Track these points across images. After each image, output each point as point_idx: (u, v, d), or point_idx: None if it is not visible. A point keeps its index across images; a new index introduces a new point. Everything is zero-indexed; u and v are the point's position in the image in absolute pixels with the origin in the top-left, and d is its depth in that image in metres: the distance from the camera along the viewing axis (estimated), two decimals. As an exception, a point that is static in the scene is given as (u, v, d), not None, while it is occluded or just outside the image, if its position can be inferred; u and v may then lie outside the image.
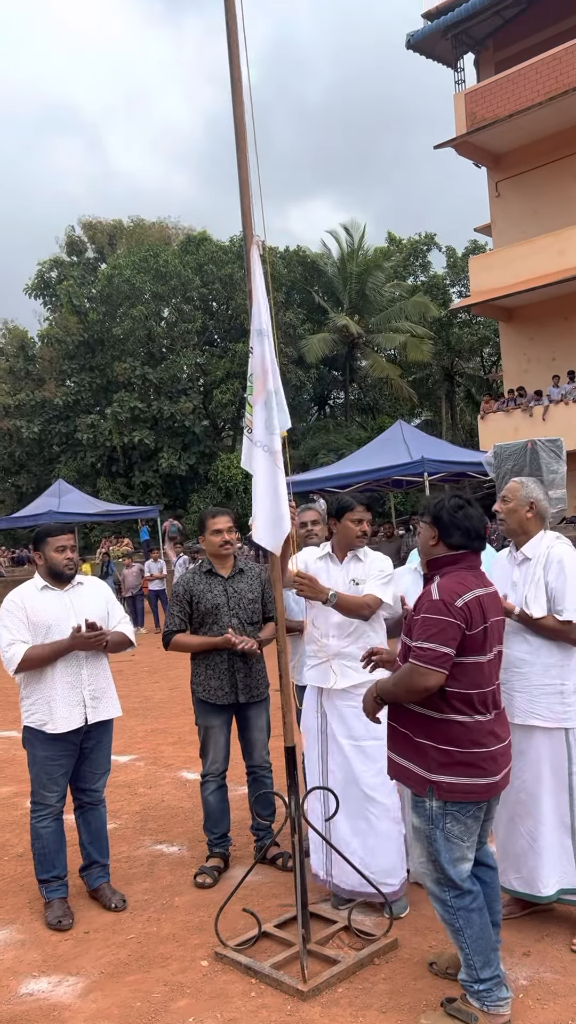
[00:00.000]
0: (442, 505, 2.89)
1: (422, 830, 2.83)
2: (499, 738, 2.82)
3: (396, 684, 2.83)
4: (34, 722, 3.80)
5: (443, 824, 2.77)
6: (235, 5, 3.39)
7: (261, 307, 3.34)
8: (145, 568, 17.33)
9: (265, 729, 4.39)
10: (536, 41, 20.60)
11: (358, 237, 33.16)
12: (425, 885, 2.91)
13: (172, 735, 7.55)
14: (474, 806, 2.78)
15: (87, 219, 37.63)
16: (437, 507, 2.90)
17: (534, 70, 19.61)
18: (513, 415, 20.15)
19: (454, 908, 2.81)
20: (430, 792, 2.77)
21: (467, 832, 2.79)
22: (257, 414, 3.34)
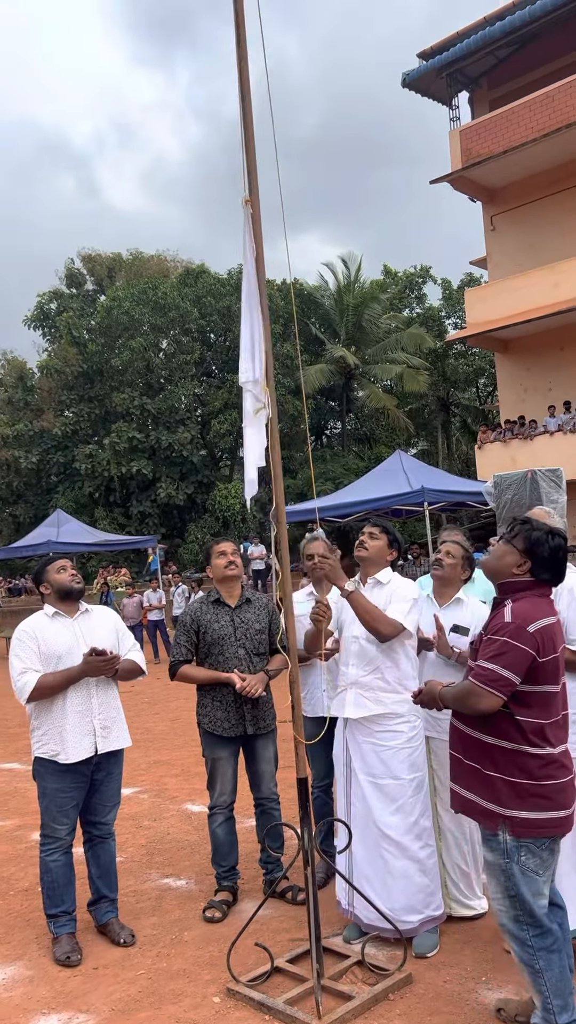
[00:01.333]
0: (542, 540, 2.82)
1: (496, 865, 2.75)
2: (568, 770, 2.76)
3: (454, 699, 2.83)
4: (45, 752, 3.79)
5: (518, 857, 2.69)
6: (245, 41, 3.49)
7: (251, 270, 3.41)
8: (144, 598, 17.29)
9: (273, 761, 4.38)
10: (529, 80, 21.02)
11: (354, 269, 33.57)
12: (501, 924, 2.82)
13: (175, 767, 7.50)
14: (549, 839, 2.71)
15: (86, 252, 38.03)
16: (536, 541, 2.83)
17: (528, 108, 19.99)
18: (510, 445, 20.26)
19: (534, 948, 2.71)
20: (503, 827, 2.71)
21: (543, 866, 2.72)
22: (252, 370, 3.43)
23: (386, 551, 3.85)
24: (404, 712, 3.69)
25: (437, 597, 3.98)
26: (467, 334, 21.97)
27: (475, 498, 14.56)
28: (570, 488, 10.62)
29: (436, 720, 3.80)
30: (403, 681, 3.70)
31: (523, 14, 19.24)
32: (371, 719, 3.69)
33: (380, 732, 3.69)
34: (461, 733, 2.86)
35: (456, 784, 2.90)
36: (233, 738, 4.22)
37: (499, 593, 2.90)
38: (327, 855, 4.00)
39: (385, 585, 3.79)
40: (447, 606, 3.93)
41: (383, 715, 3.68)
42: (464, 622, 3.83)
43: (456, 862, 3.87)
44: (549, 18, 19.21)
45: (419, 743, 3.74)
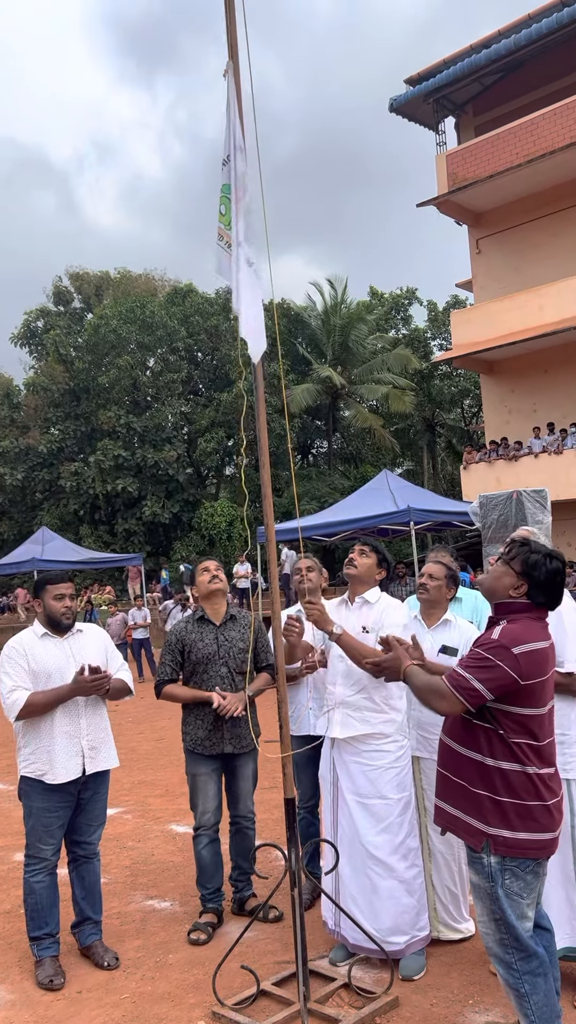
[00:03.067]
0: (539, 564, 2.80)
1: (482, 887, 2.74)
2: (554, 792, 2.75)
3: (420, 687, 2.83)
4: (32, 772, 3.76)
5: (503, 880, 2.68)
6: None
7: (235, 125, 3.37)
8: (129, 616, 17.21)
9: (251, 779, 4.37)
10: (514, 107, 21.38)
11: (341, 291, 33.84)
12: (487, 946, 2.80)
13: (159, 787, 7.44)
14: (533, 862, 2.70)
15: (74, 270, 38.14)
16: (533, 564, 2.81)
17: (512, 134, 20.31)
18: (495, 465, 20.40)
19: (520, 972, 2.69)
20: (486, 847, 2.70)
21: (527, 889, 2.70)
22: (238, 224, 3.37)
23: (375, 570, 3.86)
24: (391, 732, 3.69)
25: (425, 619, 3.99)
26: (452, 355, 22.17)
27: (461, 518, 14.63)
28: (555, 508, 10.69)
29: (426, 740, 3.80)
30: (390, 701, 3.70)
31: (508, 43, 19.59)
32: (358, 739, 3.69)
33: (367, 752, 3.68)
34: (450, 750, 2.87)
35: (442, 800, 2.89)
36: (214, 756, 4.22)
37: (495, 613, 2.90)
38: (313, 876, 3.98)
39: (373, 605, 3.79)
40: (435, 627, 3.94)
41: (370, 735, 3.68)
42: (452, 643, 3.84)
43: (446, 883, 3.86)
44: (534, 47, 19.57)
45: (406, 763, 3.74)
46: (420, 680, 2.87)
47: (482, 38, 20.59)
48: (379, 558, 3.87)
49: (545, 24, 19.01)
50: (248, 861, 4.37)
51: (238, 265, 3.35)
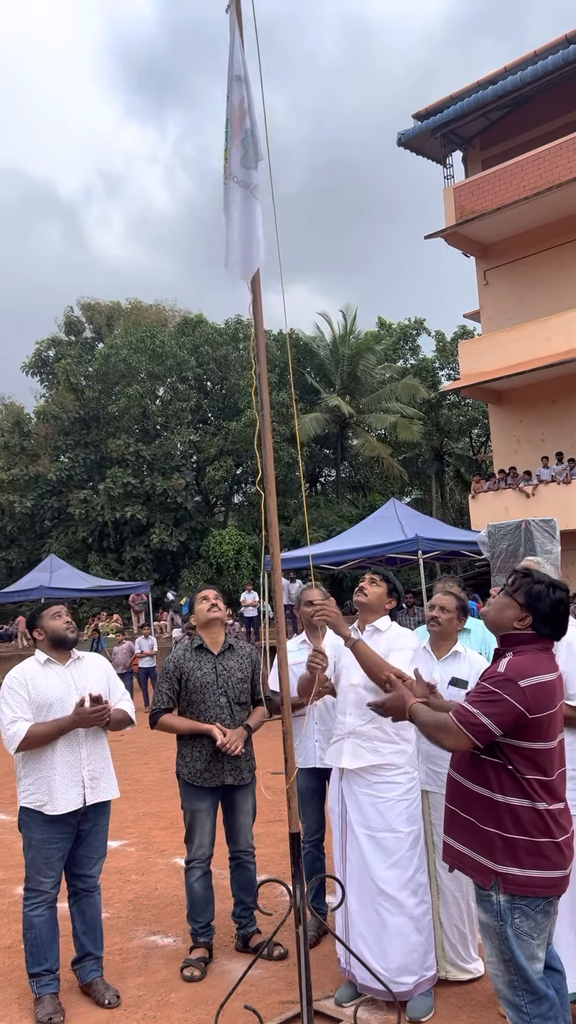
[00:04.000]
0: (543, 595, 2.76)
1: (491, 927, 2.66)
2: (565, 829, 2.69)
3: (427, 724, 2.77)
4: (32, 803, 3.71)
5: (512, 920, 2.60)
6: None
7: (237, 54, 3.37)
8: (136, 645, 17.14)
9: (251, 813, 4.31)
10: (521, 141, 21.62)
11: (350, 321, 34.08)
12: (496, 988, 2.72)
13: (164, 819, 7.35)
14: (543, 900, 2.62)
15: (85, 300, 38.58)
16: (536, 595, 2.77)
17: (520, 167, 20.51)
18: (503, 495, 20.35)
19: (530, 1016, 2.62)
20: (495, 885, 2.63)
21: (537, 929, 2.62)
22: (234, 153, 3.36)
23: (385, 599, 3.83)
24: (402, 763, 3.64)
25: (434, 650, 3.95)
26: (461, 385, 22.22)
27: (469, 547, 14.56)
28: (564, 538, 10.64)
29: (435, 774, 3.74)
30: (400, 731, 3.65)
31: (514, 79, 19.86)
32: (368, 770, 3.63)
33: (377, 783, 3.62)
34: (458, 785, 2.81)
35: (450, 837, 2.82)
36: (212, 789, 4.17)
37: (500, 645, 2.85)
38: (319, 912, 3.90)
39: (384, 633, 3.76)
40: (445, 659, 3.89)
41: (380, 766, 3.62)
42: (462, 675, 3.79)
43: (454, 922, 3.78)
44: (539, 83, 19.83)
45: (416, 795, 3.68)
46: (427, 717, 2.82)
47: (489, 75, 20.89)
48: (389, 587, 3.84)
49: (551, 61, 19.27)
50: (251, 896, 4.29)
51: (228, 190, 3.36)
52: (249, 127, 3.36)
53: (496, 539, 9.87)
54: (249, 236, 3.33)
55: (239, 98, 3.37)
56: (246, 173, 3.34)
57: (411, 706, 2.90)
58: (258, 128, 3.39)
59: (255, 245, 3.33)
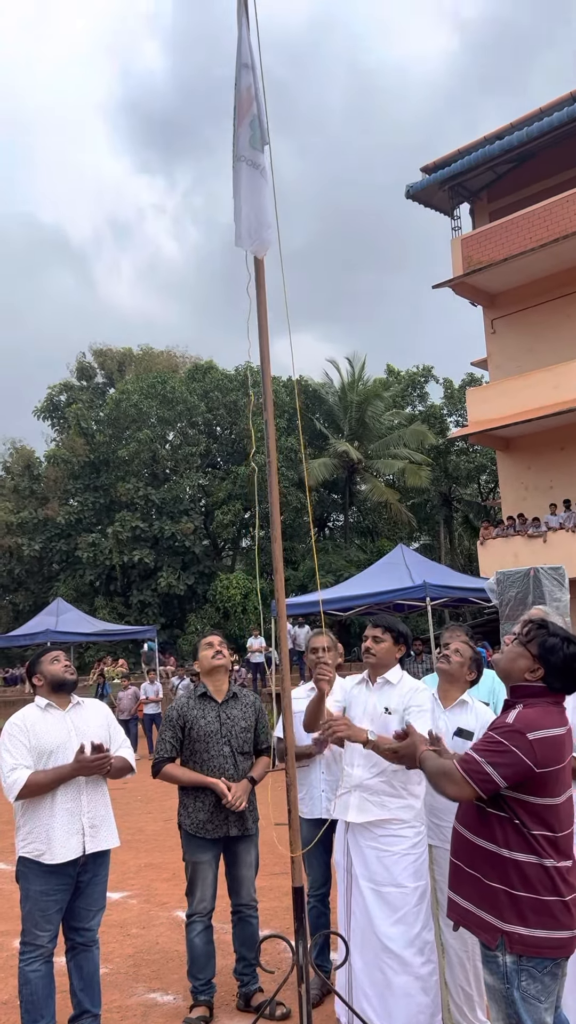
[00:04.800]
0: (557, 648, 2.71)
1: (497, 989, 2.57)
2: (572, 888, 2.60)
3: (432, 771, 2.73)
4: (30, 852, 3.64)
5: (519, 982, 2.52)
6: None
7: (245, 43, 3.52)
8: (141, 691, 16.99)
9: (254, 866, 4.23)
10: (527, 194, 22.04)
11: (358, 368, 34.43)
12: None
13: (166, 870, 7.21)
14: (551, 962, 2.54)
15: (98, 347, 39.13)
16: (550, 648, 2.72)
17: (526, 219, 20.88)
18: (512, 541, 20.29)
19: None
20: (501, 944, 2.55)
21: (545, 992, 2.54)
22: (241, 135, 3.48)
23: (393, 650, 3.76)
24: (409, 818, 3.57)
25: (442, 698, 3.89)
26: (469, 432, 22.33)
27: (478, 594, 14.46)
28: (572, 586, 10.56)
29: (439, 828, 3.66)
30: (408, 786, 3.58)
31: (520, 134, 20.33)
32: (375, 823, 3.56)
33: (384, 837, 3.55)
34: (463, 839, 2.74)
35: (454, 893, 2.75)
36: (215, 841, 4.09)
37: (510, 696, 2.80)
38: (322, 970, 3.79)
39: (395, 686, 3.70)
40: (451, 708, 3.84)
41: (387, 820, 3.55)
42: (468, 726, 3.73)
43: (459, 983, 3.66)
44: (545, 139, 20.29)
45: (423, 850, 3.60)
46: (433, 764, 2.78)
47: (495, 130, 21.41)
48: (395, 636, 3.78)
49: (556, 117, 19.74)
50: (253, 952, 4.18)
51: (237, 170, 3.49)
52: (256, 112, 3.52)
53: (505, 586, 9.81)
54: (259, 212, 3.45)
55: (247, 84, 3.54)
56: (253, 153, 3.49)
57: (421, 753, 2.88)
58: (263, 113, 3.56)
59: (265, 221, 3.45)
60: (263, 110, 3.55)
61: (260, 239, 3.45)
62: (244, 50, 3.55)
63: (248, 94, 3.53)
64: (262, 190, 3.46)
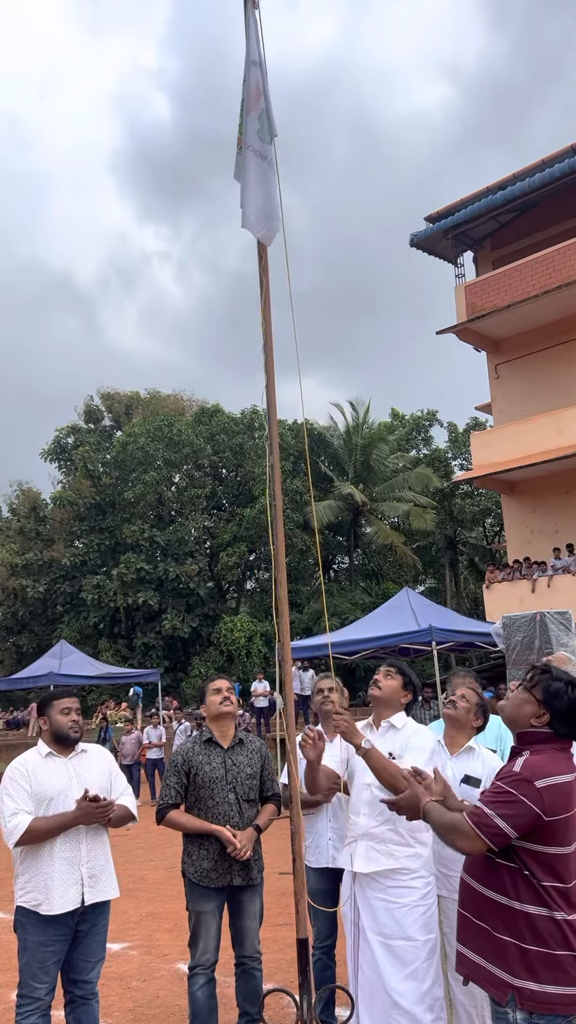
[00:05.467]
0: (561, 693, 2.68)
1: None
2: None
3: (441, 824, 2.66)
4: (28, 902, 3.57)
5: None
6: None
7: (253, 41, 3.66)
8: (144, 735, 16.81)
9: (258, 916, 4.12)
10: (529, 243, 22.42)
11: (363, 412, 34.69)
12: None
13: (168, 920, 7.06)
14: (563, 1019, 2.47)
15: (105, 390, 39.54)
16: (555, 693, 2.69)
17: (529, 267, 21.21)
18: (518, 585, 20.20)
19: None
20: (512, 1000, 2.48)
21: None
22: (249, 126, 3.63)
23: (400, 692, 3.73)
24: (417, 867, 3.49)
25: (448, 744, 3.85)
26: (473, 475, 22.39)
27: (484, 639, 14.36)
28: (580, 631, 10.47)
29: (447, 877, 3.59)
30: (416, 834, 3.51)
31: (523, 185, 20.75)
32: (383, 874, 3.48)
33: (392, 888, 3.47)
34: (472, 890, 2.68)
35: (463, 946, 2.68)
36: (219, 890, 4.01)
37: (517, 743, 2.77)
38: (328, 1027, 3.69)
39: (400, 730, 3.66)
40: (458, 755, 3.79)
41: (395, 870, 3.47)
42: (476, 773, 3.68)
43: (469, 1040, 3.56)
44: (546, 189, 20.70)
45: (432, 900, 3.52)
46: (441, 817, 2.71)
47: (498, 180, 21.86)
48: (405, 680, 3.75)
49: (557, 169, 20.17)
50: (256, 1007, 4.07)
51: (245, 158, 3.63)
52: (264, 106, 3.68)
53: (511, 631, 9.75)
54: (267, 200, 3.59)
55: (255, 80, 3.70)
56: (262, 145, 3.65)
57: (425, 804, 2.80)
58: (271, 108, 3.73)
59: (272, 208, 3.59)
60: (271, 105, 3.73)
61: (267, 226, 3.59)
62: (252, 48, 3.74)
63: (257, 89, 3.71)
64: (270, 180, 3.62)
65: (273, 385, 3.62)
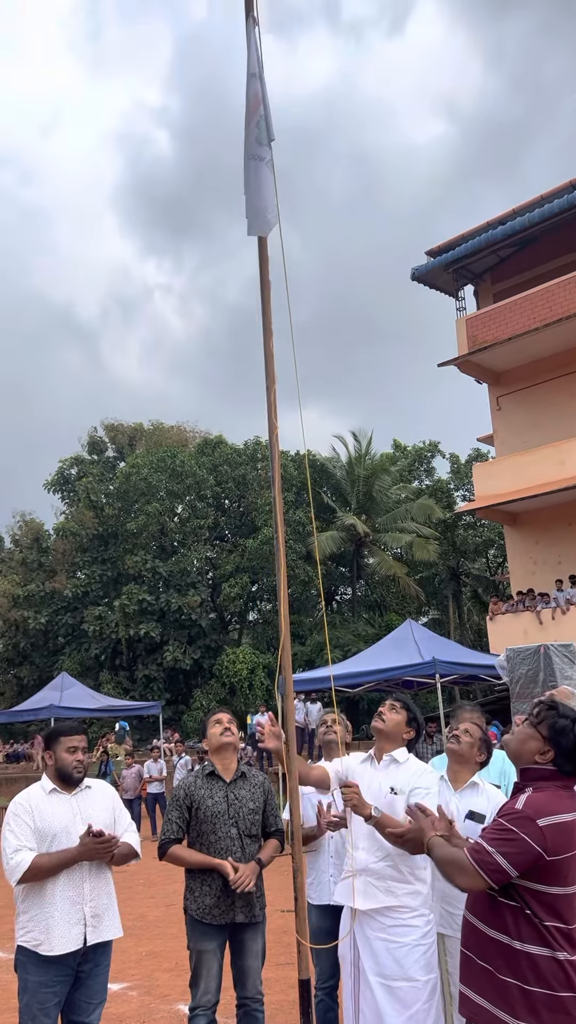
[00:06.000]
0: (567, 730, 2.66)
1: None
2: None
3: (441, 859, 2.63)
4: (28, 941, 3.52)
5: None
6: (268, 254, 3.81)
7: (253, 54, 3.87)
8: (144, 769, 16.65)
9: (260, 956, 4.05)
10: (530, 276, 22.67)
11: (365, 443, 34.81)
12: None
13: (169, 959, 6.95)
14: None
15: (109, 421, 39.76)
16: (560, 730, 2.67)
17: (529, 300, 21.42)
18: (521, 617, 20.13)
19: None
20: None
21: None
22: (251, 135, 3.86)
23: (404, 728, 3.71)
24: (417, 904, 3.44)
25: (452, 780, 3.81)
26: (476, 507, 22.42)
27: (488, 671, 14.29)
28: (584, 663, 10.40)
29: (451, 915, 3.54)
30: (415, 871, 3.47)
31: (523, 220, 21.04)
32: (381, 911, 3.43)
33: (392, 926, 3.41)
34: (474, 929, 2.64)
35: (466, 987, 2.64)
36: (221, 927, 3.94)
37: (520, 779, 2.75)
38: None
39: (402, 765, 3.62)
40: (462, 790, 3.75)
41: (395, 907, 3.42)
42: (480, 808, 3.64)
43: None
44: (546, 224, 20.99)
45: (433, 939, 3.47)
46: (442, 853, 2.69)
47: (498, 215, 22.19)
48: (410, 716, 3.73)
49: (557, 204, 20.47)
50: None
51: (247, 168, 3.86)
52: (262, 112, 3.91)
53: (515, 664, 9.70)
54: (263, 201, 3.82)
55: (254, 91, 3.92)
56: (259, 148, 3.88)
57: (429, 839, 2.78)
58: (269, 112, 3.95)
59: (268, 206, 3.82)
60: (268, 110, 3.94)
61: (264, 220, 3.81)
62: (252, 61, 3.94)
63: (256, 99, 3.91)
64: (267, 179, 3.84)
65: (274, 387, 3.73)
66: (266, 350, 3.70)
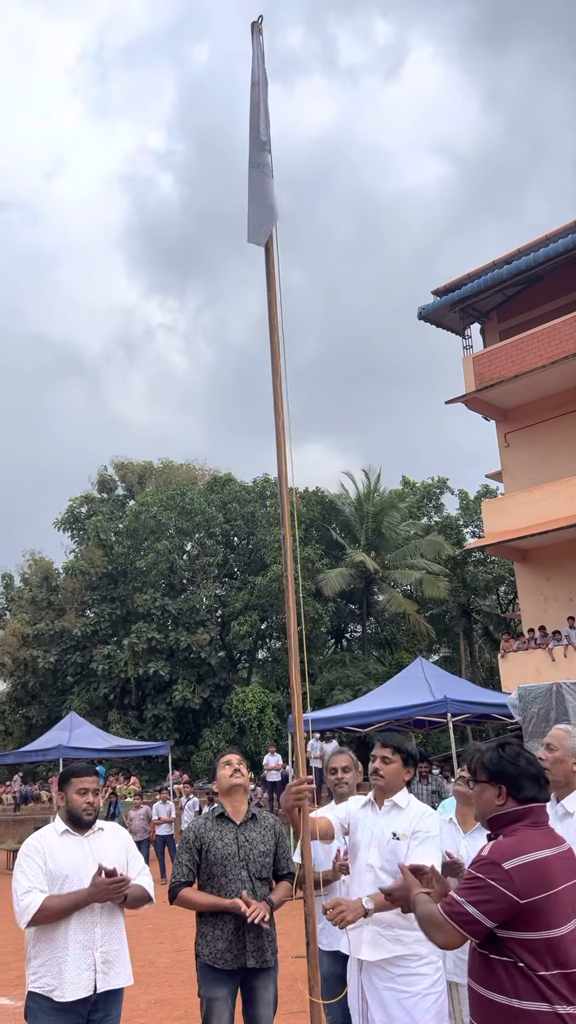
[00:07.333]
0: (498, 757, 2.60)
1: None
2: None
3: (420, 916, 2.56)
4: (41, 987, 3.46)
5: None
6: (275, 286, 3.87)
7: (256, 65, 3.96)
8: (153, 811, 16.45)
9: (272, 1004, 3.96)
10: (536, 314, 22.88)
11: (374, 480, 34.89)
12: None
13: (178, 1008, 6.80)
14: None
15: (119, 460, 40.04)
16: (494, 761, 2.61)
17: (535, 338, 21.59)
18: (533, 654, 19.95)
19: None
20: None
21: None
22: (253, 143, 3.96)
23: (402, 772, 3.66)
24: (426, 953, 3.37)
25: (461, 822, 3.77)
26: (485, 543, 22.37)
27: (500, 710, 14.13)
28: (597, 701, 10.29)
29: (464, 963, 3.46)
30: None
31: (528, 259, 21.29)
32: (391, 961, 3.36)
33: (401, 976, 3.34)
34: (477, 995, 2.52)
35: None
36: (233, 972, 3.87)
37: (491, 830, 2.63)
38: None
39: (404, 810, 3.58)
40: (472, 832, 3.71)
41: (403, 956, 3.36)
42: None
43: None
44: (552, 263, 21.23)
45: (442, 988, 3.39)
46: (421, 910, 2.59)
47: (503, 255, 22.47)
48: (403, 758, 3.68)
49: (561, 244, 20.73)
50: None
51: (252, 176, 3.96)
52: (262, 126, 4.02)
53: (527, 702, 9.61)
54: (264, 209, 3.91)
55: (255, 99, 4.04)
56: (259, 155, 3.98)
57: (414, 896, 2.69)
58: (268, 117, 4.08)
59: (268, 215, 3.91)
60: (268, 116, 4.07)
61: (263, 231, 3.90)
62: (255, 69, 4.08)
63: (257, 107, 4.04)
64: (266, 185, 3.94)
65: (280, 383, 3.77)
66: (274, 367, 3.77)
